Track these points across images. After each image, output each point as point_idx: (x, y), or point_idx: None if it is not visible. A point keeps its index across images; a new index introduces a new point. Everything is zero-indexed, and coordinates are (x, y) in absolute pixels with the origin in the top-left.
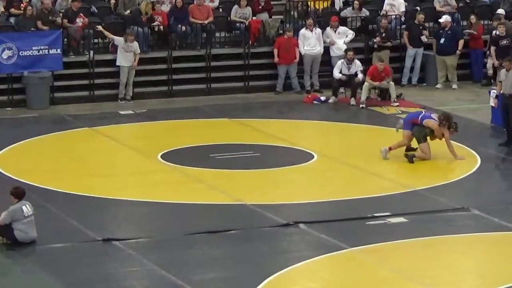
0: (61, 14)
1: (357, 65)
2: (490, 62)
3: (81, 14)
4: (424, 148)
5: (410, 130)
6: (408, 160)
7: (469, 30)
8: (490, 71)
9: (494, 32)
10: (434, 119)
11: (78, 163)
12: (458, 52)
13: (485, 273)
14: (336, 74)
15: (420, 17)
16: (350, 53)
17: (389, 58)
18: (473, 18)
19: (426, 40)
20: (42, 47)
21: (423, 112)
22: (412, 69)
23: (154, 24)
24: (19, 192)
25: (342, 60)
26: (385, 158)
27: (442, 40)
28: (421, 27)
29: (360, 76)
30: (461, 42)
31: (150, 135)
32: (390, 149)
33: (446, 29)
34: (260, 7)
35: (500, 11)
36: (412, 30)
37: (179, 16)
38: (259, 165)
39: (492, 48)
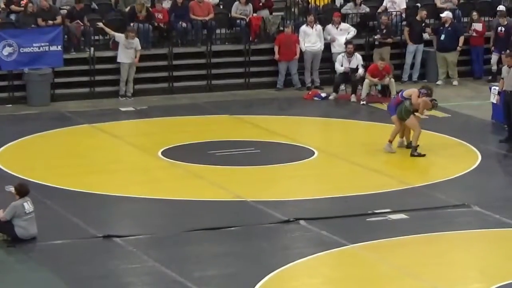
0: (61, 12)
1: (358, 59)
2: (495, 58)
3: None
4: (411, 123)
5: (395, 115)
6: (417, 155)
7: (476, 24)
8: (494, 67)
9: (500, 28)
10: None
11: (78, 159)
12: (458, 48)
13: (486, 269)
14: (339, 67)
15: (423, 13)
16: (350, 46)
17: (389, 54)
18: (475, 15)
19: (428, 37)
20: (42, 44)
21: (402, 90)
22: (412, 65)
23: (153, 21)
24: (23, 189)
25: (343, 54)
26: (392, 151)
27: (442, 37)
28: (423, 24)
29: (361, 70)
30: (461, 39)
31: (151, 131)
32: (390, 142)
33: (447, 25)
34: (261, 3)
35: (501, 7)
36: (413, 26)
37: (179, 13)
38: (260, 161)
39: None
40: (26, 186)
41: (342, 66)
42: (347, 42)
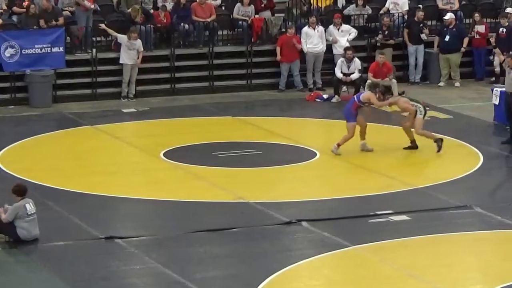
0: (64, 13)
1: (357, 64)
2: (497, 59)
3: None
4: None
5: (353, 122)
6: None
7: (479, 26)
8: (497, 69)
9: (501, 29)
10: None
11: (80, 161)
12: (462, 50)
13: (488, 271)
14: (338, 73)
15: (420, 14)
16: (349, 52)
17: (391, 56)
18: (477, 16)
19: (426, 38)
20: (44, 45)
21: (354, 96)
22: (414, 66)
23: (154, 23)
24: (21, 189)
25: (342, 59)
26: (337, 154)
27: (446, 38)
28: (421, 25)
29: (355, 75)
30: (465, 40)
31: (153, 133)
32: (338, 145)
33: (451, 26)
34: (263, 5)
35: (509, 10)
36: (412, 27)
37: (181, 14)
38: (262, 163)
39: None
40: (23, 185)
41: (341, 72)
42: (346, 48)
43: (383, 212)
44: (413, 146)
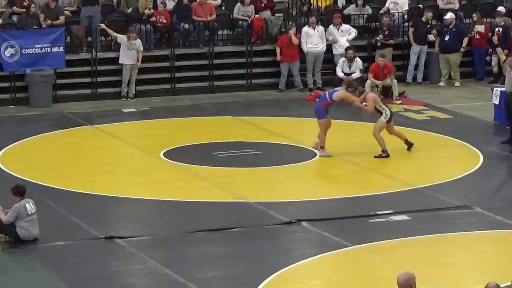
0: (65, 12)
1: (358, 64)
2: (495, 59)
3: None
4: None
5: (325, 118)
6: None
7: (479, 26)
8: (495, 69)
9: (497, 28)
10: (340, 89)
11: (80, 161)
12: (462, 49)
13: (488, 270)
14: (339, 73)
15: (429, 15)
16: (350, 52)
17: (391, 56)
18: (475, 15)
19: (434, 38)
20: (44, 45)
21: (326, 92)
22: (416, 66)
23: (154, 22)
24: (20, 189)
25: (344, 59)
26: (329, 155)
27: (446, 38)
28: (428, 25)
29: (356, 74)
30: (465, 40)
31: (153, 133)
32: (322, 147)
33: (451, 26)
34: (263, 4)
35: (500, 8)
36: (418, 27)
37: (182, 14)
38: (262, 163)
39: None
40: (22, 185)
41: (342, 71)
42: (347, 48)
43: (383, 212)
44: (408, 144)
